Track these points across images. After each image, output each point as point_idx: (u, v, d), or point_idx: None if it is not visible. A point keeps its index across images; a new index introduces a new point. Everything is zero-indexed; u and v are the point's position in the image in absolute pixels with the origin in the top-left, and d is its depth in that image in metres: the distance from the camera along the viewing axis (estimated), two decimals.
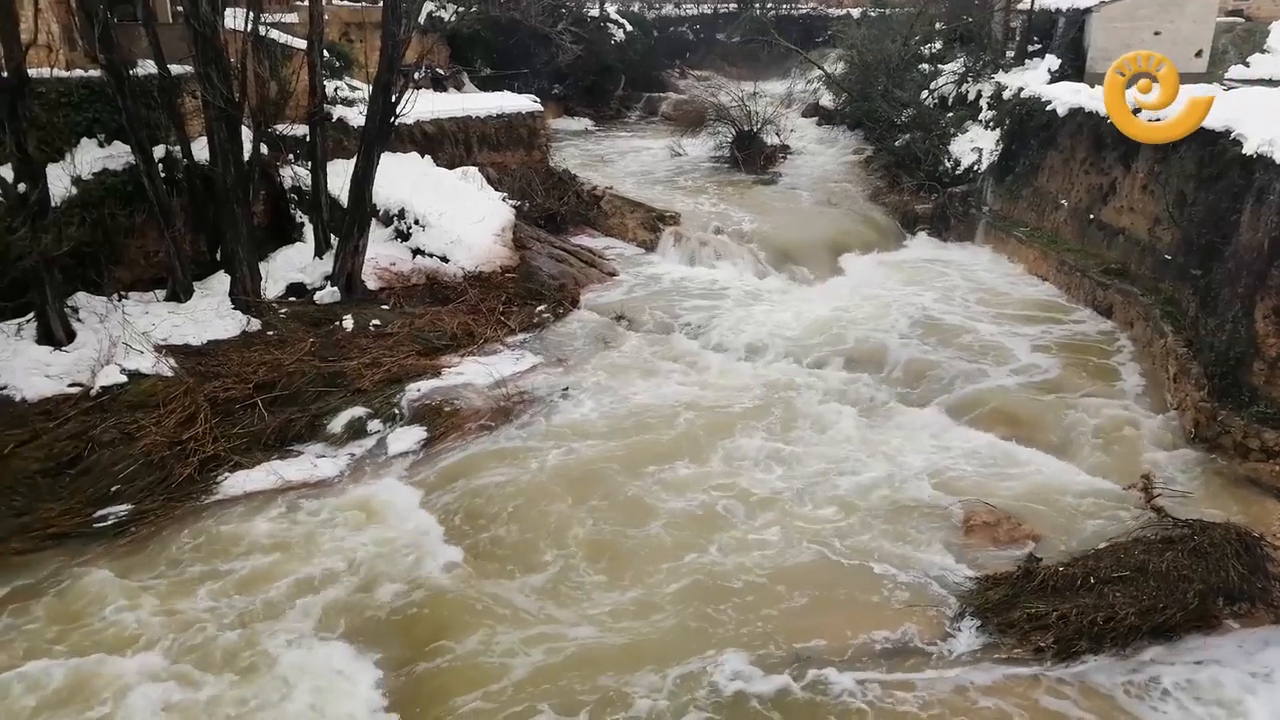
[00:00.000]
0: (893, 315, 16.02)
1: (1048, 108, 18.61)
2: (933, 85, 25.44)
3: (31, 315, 12.80)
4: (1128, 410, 12.52)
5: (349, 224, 15.45)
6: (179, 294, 14.57)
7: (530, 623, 8.75)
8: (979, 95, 23.30)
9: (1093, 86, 18.13)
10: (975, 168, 21.35)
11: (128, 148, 14.07)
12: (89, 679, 7.94)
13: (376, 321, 14.81)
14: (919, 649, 8.48)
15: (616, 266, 19.01)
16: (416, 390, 12.98)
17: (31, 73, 12.45)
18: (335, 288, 15.44)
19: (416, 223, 17.08)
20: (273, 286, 15.26)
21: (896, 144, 24.17)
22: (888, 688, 8.00)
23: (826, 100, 32.16)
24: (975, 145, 21.68)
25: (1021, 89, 20.52)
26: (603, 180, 23.10)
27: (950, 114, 23.88)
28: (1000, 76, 22.79)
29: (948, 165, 22.21)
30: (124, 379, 12.19)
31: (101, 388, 11.99)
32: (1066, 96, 18.27)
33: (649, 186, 23.77)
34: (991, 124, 21.76)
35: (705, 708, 7.79)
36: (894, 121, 24.86)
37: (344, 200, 15.72)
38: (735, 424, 12.40)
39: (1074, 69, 21.52)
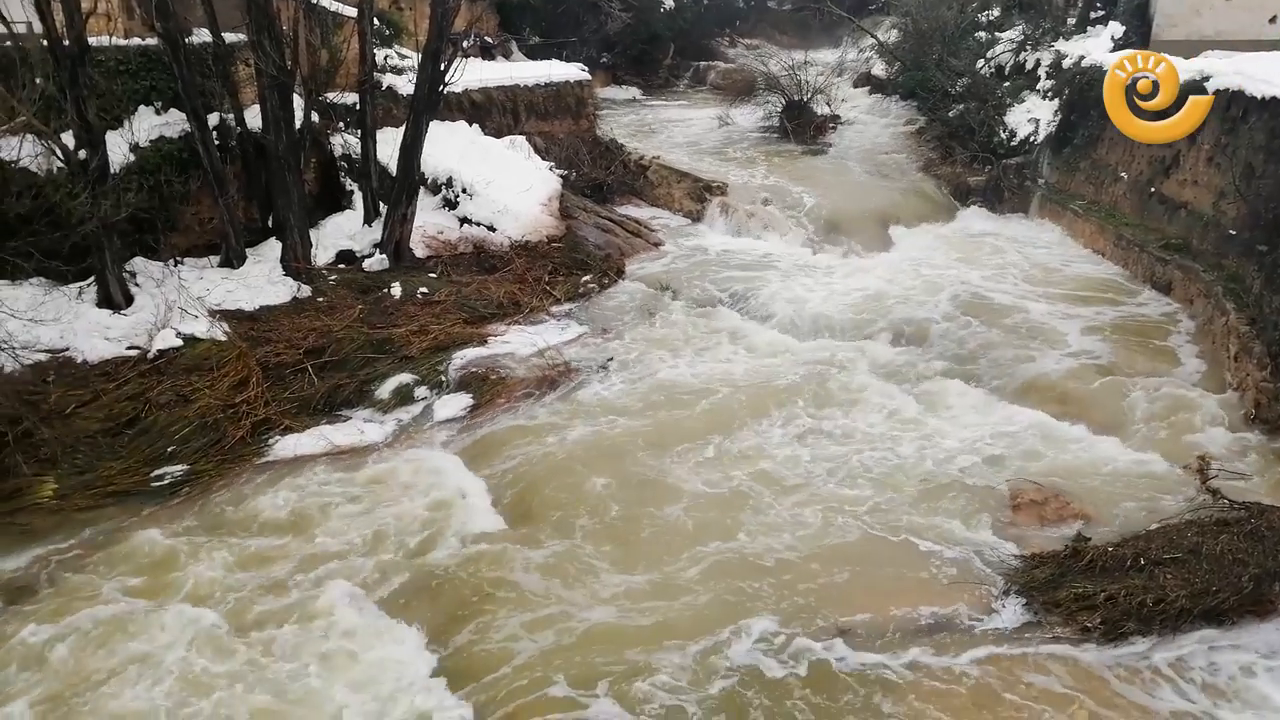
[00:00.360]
0: (942, 290, 15.74)
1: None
2: (989, 54, 24.79)
3: (92, 279, 13.13)
4: (1185, 390, 12.20)
5: (397, 192, 15.58)
6: (232, 260, 14.83)
7: (571, 591, 8.82)
8: (1037, 64, 22.64)
9: None
10: (1031, 139, 20.81)
11: (183, 115, 14.30)
12: (145, 627, 8.21)
13: (424, 289, 14.95)
14: (963, 626, 8.41)
15: (662, 237, 18.93)
16: (463, 358, 13.12)
17: (91, 41, 12.69)
18: (384, 255, 15.61)
19: (464, 191, 17.16)
20: (323, 253, 15.46)
21: (950, 114, 23.63)
22: (930, 664, 7.96)
23: (879, 69, 31.51)
24: (1032, 116, 21.12)
25: (1082, 58, 19.89)
26: (650, 150, 22.95)
27: (1007, 83, 23.26)
28: (1060, 45, 22.11)
29: (1002, 136, 21.68)
30: (179, 343, 12.48)
31: (158, 351, 12.30)
32: None
33: (696, 156, 23.58)
34: (1050, 94, 21.16)
35: (745, 676, 7.82)
36: (948, 91, 24.28)
37: (393, 168, 15.84)
38: (777, 398, 12.33)
39: (1139, 36, 20.80)
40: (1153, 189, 16.38)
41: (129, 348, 12.42)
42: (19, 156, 11.75)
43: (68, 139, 12.40)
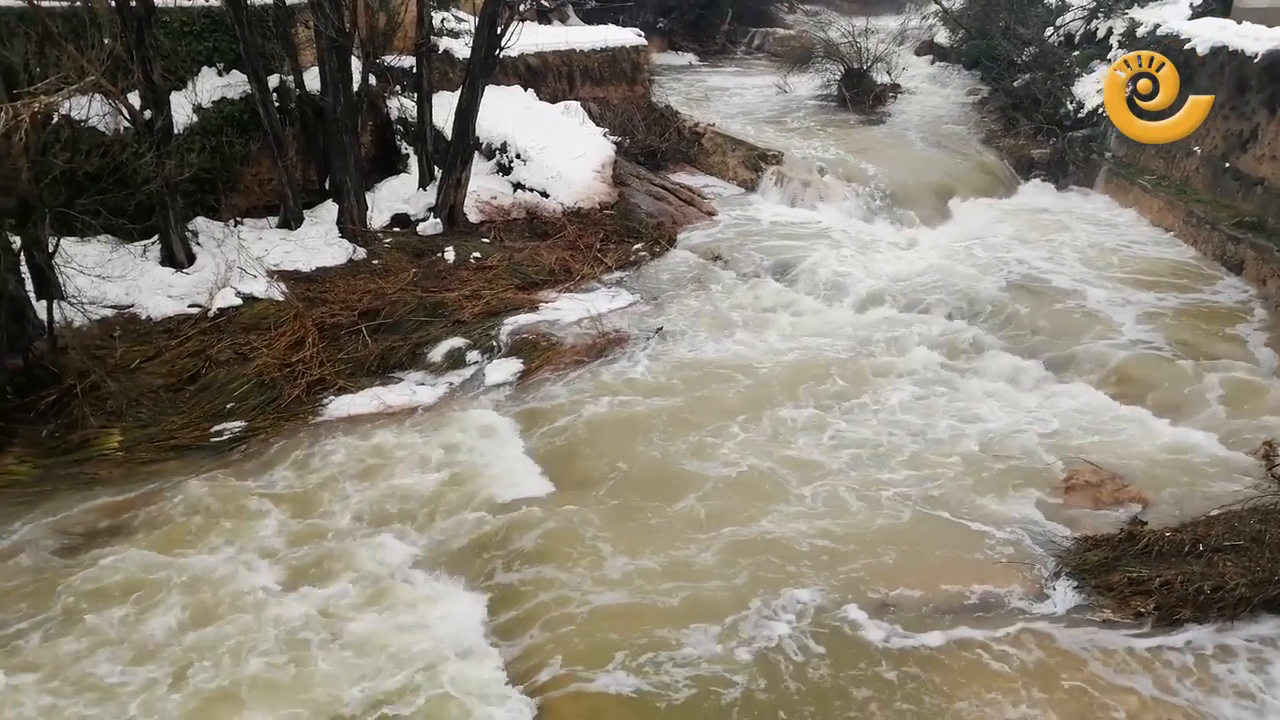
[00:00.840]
0: (1000, 265, 15.42)
1: (1186, 46, 17.34)
2: (1059, 21, 23.99)
3: (156, 238, 13.44)
4: (1253, 375, 11.81)
5: (452, 156, 15.64)
6: (290, 221, 15.05)
7: (613, 560, 8.87)
8: (1109, 32, 21.86)
9: (1240, 23, 16.80)
10: (1100, 111, 20.11)
11: (244, 77, 14.48)
12: (202, 578, 8.47)
13: (477, 254, 15.03)
14: (1011, 606, 8.30)
15: (715, 206, 18.76)
16: (514, 323, 13.20)
17: (157, 2, 12.87)
18: (438, 219, 15.71)
19: (518, 157, 17.17)
20: (378, 216, 15.62)
21: (1015, 84, 22.97)
22: (976, 642, 7.88)
23: (942, 37, 30.71)
24: (1101, 86, 20.41)
25: (1158, 25, 19.16)
26: (704, 117, 22.69)
27: (1076, 52, 22.52)
28: (1135, 12, 21.30)
29: (1069, 108, 21.03)
30: (239, 302, 12.74)
31: (218, 309, 12.57)
32: (1209, 34, 16.98)
33: (752, 124, 23.26)
34: None
35: (784, 646, 7.83)
36: (1013, 60, 23.58)
37: (448, 132, 15.90)
38: (826, 372, 12.20)
39: (1219, 3, 19.94)
40: (1227, 164, 15.78)
41: (190, 306, 12.72)
42: (88, 116, 12.01)
43: (134, 99, 12.63)
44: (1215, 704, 7.29)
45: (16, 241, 10.69)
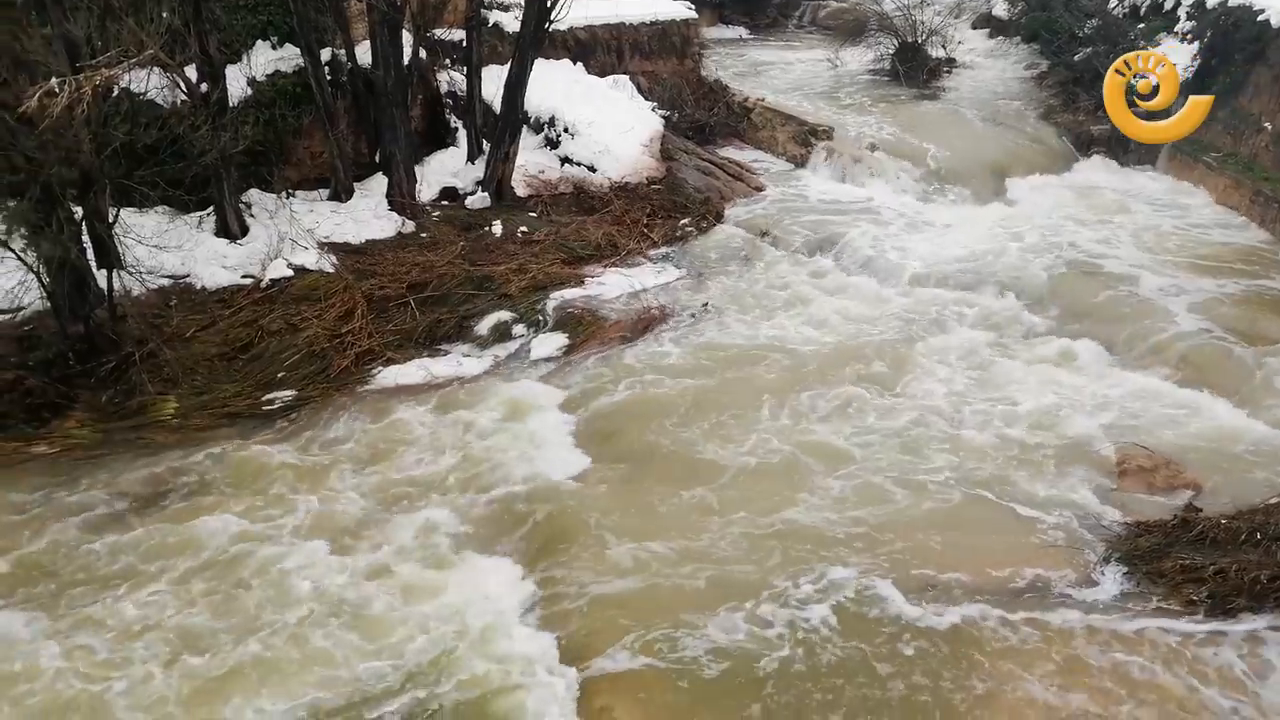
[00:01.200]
0: (1057, 245, 15.05)
1: (1259, 17, 16.69)
2: None
3: (211, 209, 13.69)
4: None
5: (501, 130, 15.67)
6: (340, 194, 15.22)
7: (654, 534, 8.91)
8: (1177, 4, 21.06)
9: None
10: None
11: (297, 50, 14.61)
12: (252, 542, 8.69)
13: (524, 228, 15.07)
14: (1059, 590, 8.19)
15: (764, 181, 18.55)
16: (560, 298, 13.24)
17: None
18: (486, 193, 15.77)
19: (566, 131, 17.13)
20: (426, 190, 15.73)
21: (1075, 58, 22.28)
22: (1022, 624, 7.79)
23: (1000, 10, 29.85)
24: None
25: None
26: (754, 91, 22.40)
27: (1141, 25, 21.76)
28: None
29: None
30: (290, 273, 12.94)
31: (270, 280, 12.79)
32: None
33: (802, 99, 22.89)
34: (1189, 36, 19.70)
35: (827, 622, 7.82)
36: (1075, 33, 22.87)
37: (497, 106, 15.91)
38: (876, 351, 12.06)
39: None
40: None
41: (244, 276, 12.96)
42: (147, 89, 12.24)
43: (190, 73, 12.83)
44: (1269, 695, 7.13)
45: (78, 212, 10.97)
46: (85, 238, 11.25)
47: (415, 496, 9.44)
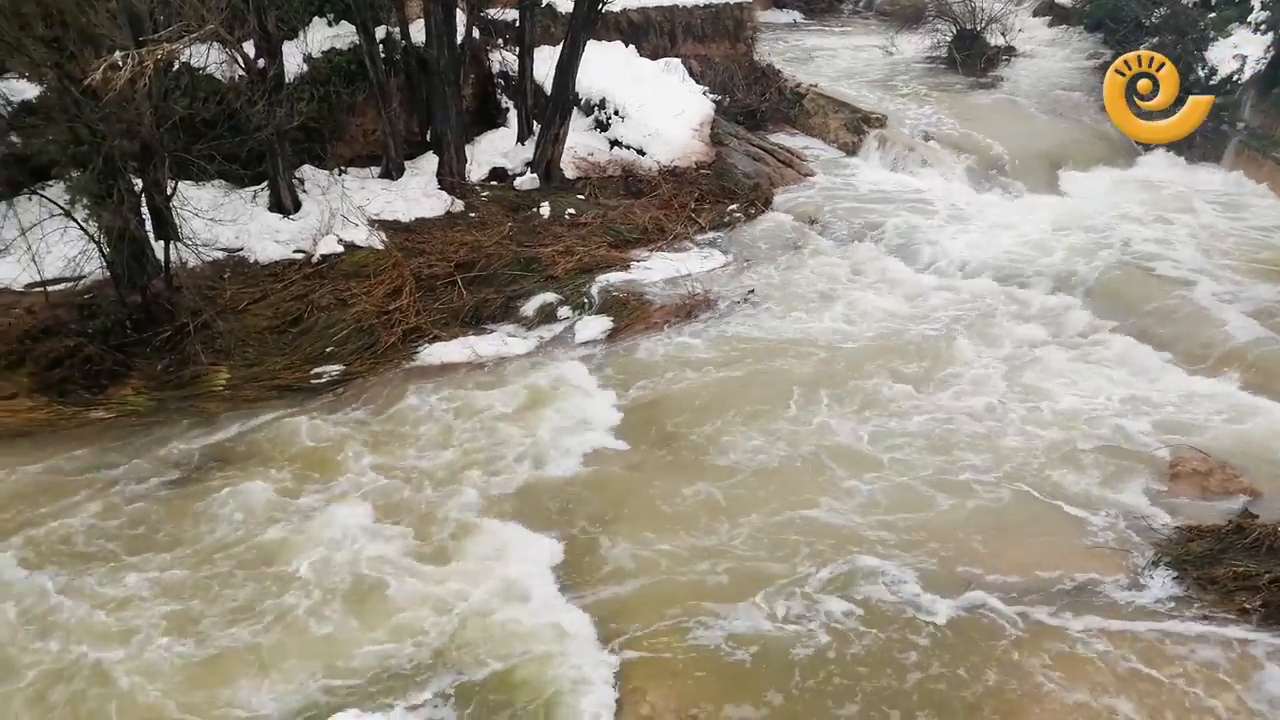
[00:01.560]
0: (1113, 240, 14.70)
1: None
2: None
3: (265, 184, 13.89)
4: None
5: (551, 111, 15.67)
6: (391, 172, 15.35)
7: (689, 517, 8.92)
8: None
9: None
10: (1235, 78, 18.83)
11: (353, 28, 14.72)
12: (298, 511, 8.88)
13: (572, 210, 15.09)
14: (1104, 593, 8.05)
15: (814, 168, 18.34)
16: (605, 281, 13.25)
17: None
18: (535, 174, 15.80)
19: (616, 113, 17.08)
20: (476, 169, 15.80)
21: (1141, 48, 21.66)
22: (1064, 626, 7.68)
23: None
24: (1238, 52, 19.07)
25: None
26: (807, 77, 22.13)
27: (1212, 14, 21.08)
28: None
29: (1200, 74, 19.72)
30: (341, 249, 13.10)
31: (321, 255, 12.96)
32: None
33: (855, 86, 22.57)
34: (1264, 26, 19.06)
35: (861, 612, 7.79)
36: (1141, 22, 22.23)
37: (548, 87, 15.91)
38: (923, 344, 11.94)
39: None
40: None
41: (295, 251, 13.14)
42: (206, 64, 12.44)
43: (249, 49, 12.99)
44: None
45: (138, 184, 11.19)
46: (144, 209, 11.49)
47: (456, 472, 9.53)
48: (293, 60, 14.28)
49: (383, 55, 15.04)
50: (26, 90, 12.47)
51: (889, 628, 7.67)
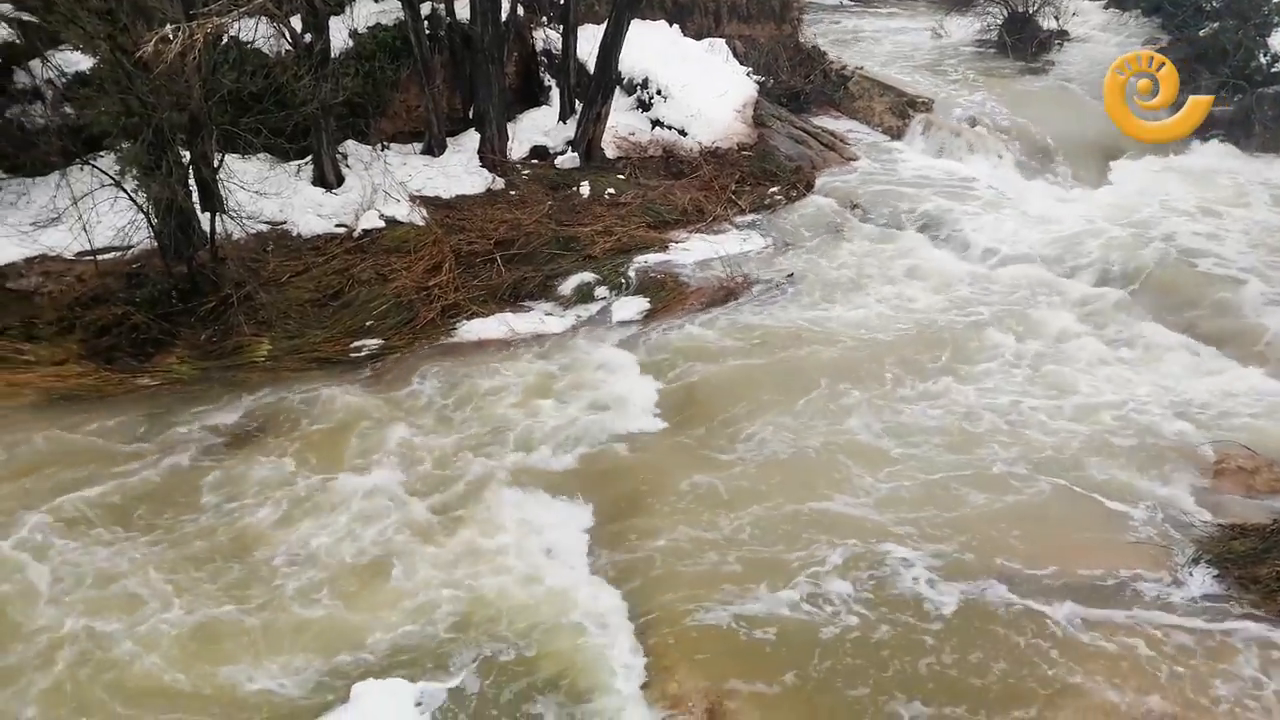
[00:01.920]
0: (1161, 231, 14.38)
1: None
2: None
3: (309, 159, 14.03)
4: None
5: (594, 90, 15.63)
6: (433, 148, 15.42)
7: (721, 499, 8.91)
8: None
9: None
10: None
11: (398, 4, 14.78)
12: (336, 482, 9.02)
13: (611, 190, 15.07)
14: (1139, 589, 7.90)
15: (858, 152, 18.12)
16: (643, 262, 13.23)
17: None
18: (575, 153, 15.79)
19: (659, 93, 17.00)
20: (517, 147, 15.82)
21: (1200, 33, 21.08)
22: (1097, 621, 7.57)
23: None
24: None
25: None
26: (853, 59, 21.85)
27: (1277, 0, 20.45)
28: None
29: (1263, 60, 19.15)
30: (382, 224, 13.22)
31: (363, 230, 13.09)
32: None
33: (902, 69, 22.25)
34: None
35: (893, 600, 7.75)
36: (1201, 6, 21.64)
37: (591, 66, 15.86)
38: (965, 333, 11.79)
39: None
40: None
41: (337, 225, 13.28)
42: (254, 38, 12.57)
43: (295, 23, 13.10)
44: None
45: (186, 156, 11.37)
46: (191, 181, 11.67)
47: (489, 445, 9.61)
48: (339, 35, 14.38)
49: (427, 31, 15.09)
50: (81, 62, 12.72)
51: (918, 616, 7.62)
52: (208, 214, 11.57)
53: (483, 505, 8.79)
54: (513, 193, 14.75)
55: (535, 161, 15.87)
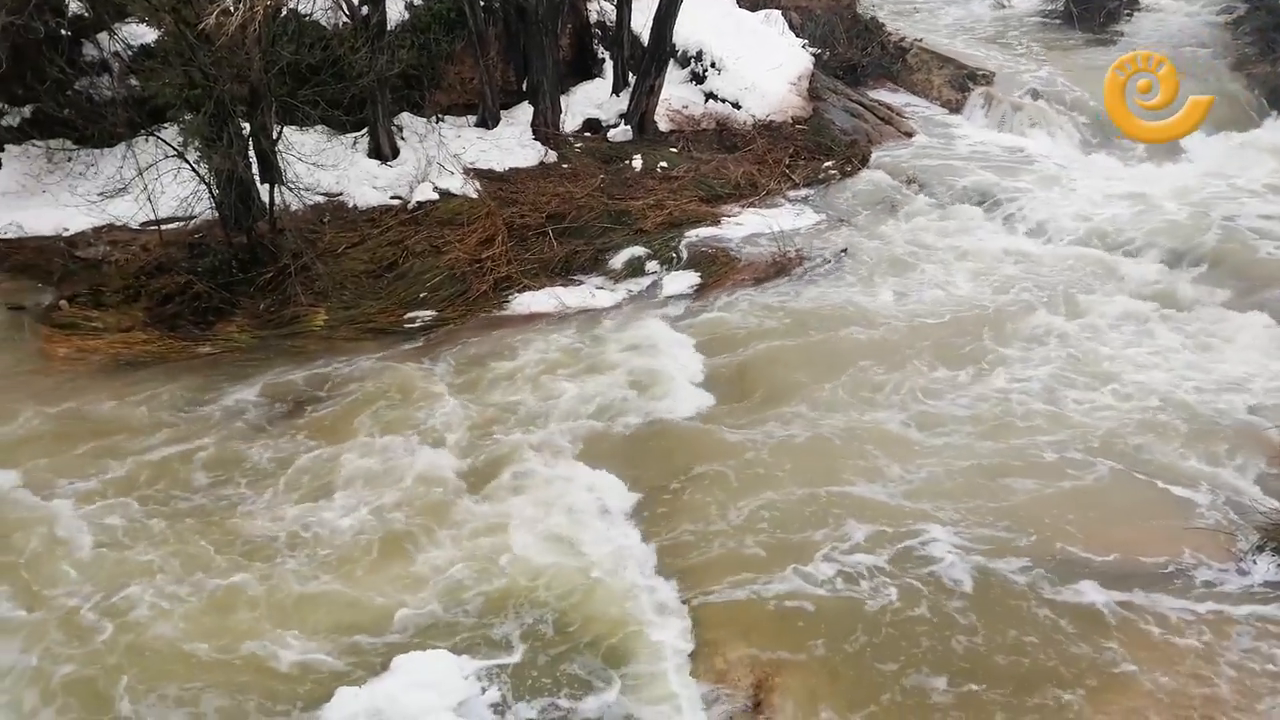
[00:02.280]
0: (1232, 209, 13.90)
1: None
2: None
3: (365, 131, 14.18)
4: None
5: (647, 63, 15.52)
6: (487, 121, 15.47)
7: (768, 476, 8.87)
8: None
9: None
10: None
11: None
12: (388, 452, 9.15)
13: (664, 164, 15.00)
14: (1200, 576, 7.71)
15: (915, 126, 17.80)
16: (695, 235, 13.18)
17: None
18: (628, 127, 15.73)
19: (713, 66, 16.82)
20: (570, 120, 15.80)
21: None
22: (1148, 608, 7.39)
23: None
24: None
25: None
26: (912, 31, 21.38)
27: None
28: None
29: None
30: (436, 197, 13.34)
31: (417, 203, 13.22)
32: None
33: (963, 41, 21.75)
34: None
35: (935, 574, 7.68)
36: None
37: (645, 39, 15.75)
38: (1026, 308, 11.56)
39: None
40: None
41: (392, 197, 13.43)
42: (312, 10, 12.69)
43: None
44: None
45: (246, 128, 11.56)
46: (251, 153, 11.87)
47: (538, 417, 9.67)
48: (395, 8, 14.46)
49: (482, 3, 15.10)
50: (146, 34, 12.99)
51: (961, 590, 7.53)
52: (267, 185, 11.78)
53: (529, 475, 8.86)
54: (565, 166, 14.76)
55: (588, 135, 15.85)
